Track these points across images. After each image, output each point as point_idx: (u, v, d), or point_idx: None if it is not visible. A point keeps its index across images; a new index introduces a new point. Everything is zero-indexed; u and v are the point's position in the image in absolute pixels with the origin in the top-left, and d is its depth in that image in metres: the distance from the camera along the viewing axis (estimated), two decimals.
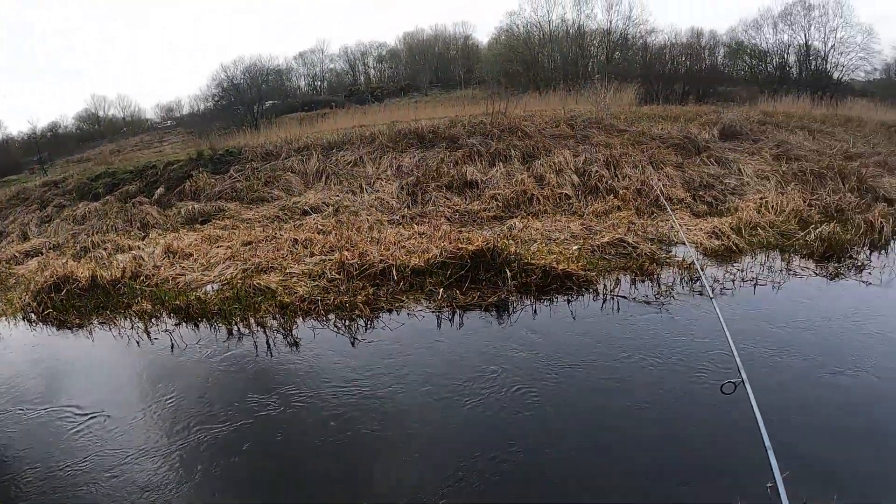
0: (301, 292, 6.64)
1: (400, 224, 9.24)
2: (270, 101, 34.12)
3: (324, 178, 12.28)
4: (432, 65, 44.95)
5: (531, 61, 35.56)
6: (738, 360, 3.05)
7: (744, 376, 2.88)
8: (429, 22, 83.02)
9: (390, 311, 6.26)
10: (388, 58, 48.66)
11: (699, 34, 39.82)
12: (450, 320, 6.01)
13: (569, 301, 6.36)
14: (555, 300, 6.38)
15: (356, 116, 21.24)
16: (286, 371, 5.22)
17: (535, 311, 6.12)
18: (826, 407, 4.33)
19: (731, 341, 3.26)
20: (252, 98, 32.03)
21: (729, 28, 44.80)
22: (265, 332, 6.09)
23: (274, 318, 6.34)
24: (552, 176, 10.55)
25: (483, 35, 53.19)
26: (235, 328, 6.22)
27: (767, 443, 2.58)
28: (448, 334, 5.72)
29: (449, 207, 9.76)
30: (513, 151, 11.81)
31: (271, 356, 5.55)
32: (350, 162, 12.80)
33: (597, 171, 10.63)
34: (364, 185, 11.52)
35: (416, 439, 4.09)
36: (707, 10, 68.46)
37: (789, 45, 38.82)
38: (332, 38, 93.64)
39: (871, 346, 5.29)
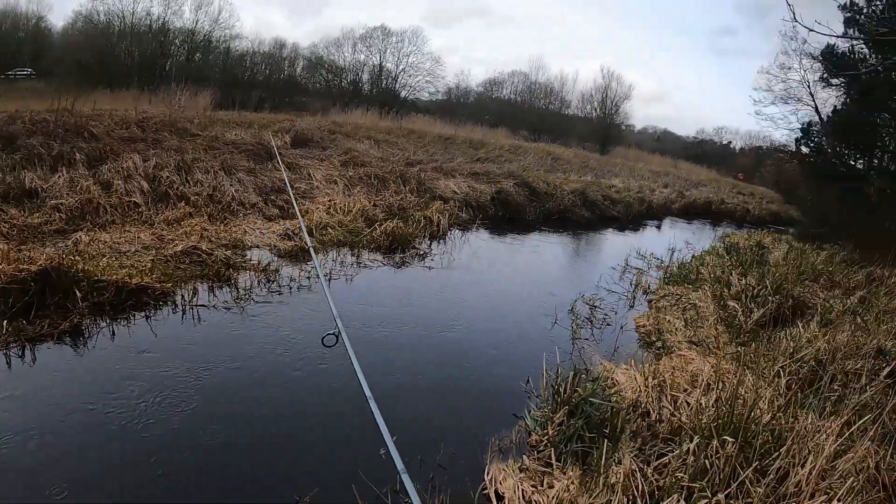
0: None
1: None
2: None
3: None
4: None
5: (107, 54, 33.07)
6: (334, 310, 3.65)
7: (340, 325, 3.49)
8: None
9: None
10: None
11: (282, 45, 42.50)
12: (20, 357, 5.16)
13: (147, 317, 6.27)
14: (133, 317, 6.19)
15: None
16: None
17: (114, 332, 5.83)
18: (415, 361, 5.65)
19: (329, 297, 3.86)
20: None
21: (311, 43, 48.69)
22: None
23: None
24: (120, 183, 10.00)
25: (60, 18, 46.20)
26: None
27: (368, 393, 3.24)
28: (21, 374, 4.94)
29: (6, 222, 8.41)
30: (78, 155, 10.77)
31: None
32: None
33: (168, 177, 10.52)
34: None
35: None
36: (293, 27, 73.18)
37: (365, 65, 45.07)
38: None
39: (443, 313, 7.24)
